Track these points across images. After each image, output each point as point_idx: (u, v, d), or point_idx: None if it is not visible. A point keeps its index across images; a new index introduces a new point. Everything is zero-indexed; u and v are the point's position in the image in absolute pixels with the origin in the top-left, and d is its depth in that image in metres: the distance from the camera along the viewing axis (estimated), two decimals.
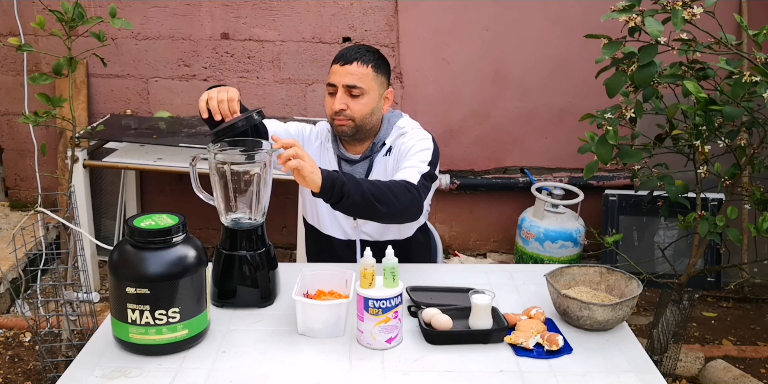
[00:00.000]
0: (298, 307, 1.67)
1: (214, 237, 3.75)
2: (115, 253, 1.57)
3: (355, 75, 2.03)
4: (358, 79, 2.04)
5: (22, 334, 3.07)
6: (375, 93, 2.08)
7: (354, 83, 2.03)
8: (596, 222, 3.54)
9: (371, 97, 2.07)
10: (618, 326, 1.73)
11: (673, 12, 1.81)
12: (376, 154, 2.15)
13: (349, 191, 1.77)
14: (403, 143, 2.13)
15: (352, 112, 2.06)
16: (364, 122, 2.08)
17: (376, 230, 2.19)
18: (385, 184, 1.89)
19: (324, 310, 1.66)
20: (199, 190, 1.84)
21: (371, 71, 2.06)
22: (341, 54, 2.08)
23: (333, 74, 2.07)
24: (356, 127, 2.08)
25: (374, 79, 2.07)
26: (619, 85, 1.94)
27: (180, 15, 3.58)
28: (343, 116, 2.06)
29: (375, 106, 2.09)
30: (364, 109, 2.06)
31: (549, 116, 3.61)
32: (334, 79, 2.06)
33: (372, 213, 1.87)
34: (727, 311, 3.36)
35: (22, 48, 2.34)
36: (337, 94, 2.05)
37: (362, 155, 2.16)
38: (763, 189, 2.17)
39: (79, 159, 3.16)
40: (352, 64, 2.04)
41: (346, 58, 2.05)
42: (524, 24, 3.49)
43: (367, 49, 2.11)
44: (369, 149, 2.16)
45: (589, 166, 2.05)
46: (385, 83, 2.12)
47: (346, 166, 2.17)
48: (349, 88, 2.04)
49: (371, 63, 2.06)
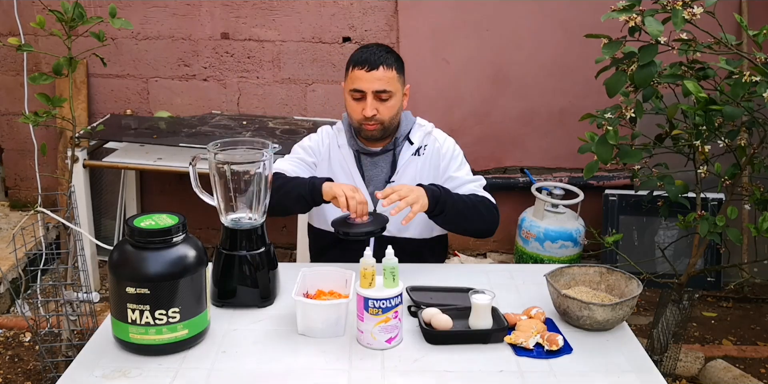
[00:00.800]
0: (298, 307, 1.67)
1: (214, 237, 3.75)
2: (115, 253, 1.57)
3: (383, 80, 2.05)
4: (387, 84, 2.06)
5: (22, 334, 3.07)
6: (399, 93, 2.12)
7: (384, 88, 2.05)
8: (596, 222, 3.54)
9: (397, 98, 2.11)
10: (618, 326, 1.73)
11: (673, 12, 1.81)
12: (399, 147, 2.18)
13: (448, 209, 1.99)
14: (439, 149, 2.19)
15: (382, 115, 2.08)
16: (392, 123, 2.13)
17: (396, 226, 2.17)
18: (473, 201, 2.06)
19: (324, 310, 1.66)
20: (199, 190, 1.84)
21: (395, 73, 2.08)
22: (364, 58, 2.06)
23: (358, 80, 2.06)
24: (384, 128, 2.12)
25: (398, 80, 2.10)
26: (619, 85, 1.94)
27: (180, 15, 3.58)
28: (374, 121, 2.08)
29: (400, 106, 2.14)
30: (392, 111, 2.10)
31: (549, 116, 3.61)
32: (362, 85, 2.05)
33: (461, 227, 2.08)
34: (727, 311, 3.36)
35: (22, 48, 2.34)
36: (367, 100, 2.06)
37: (383, 148, 2.18)
38: (763, 189, 2.17)
39: (79, 159, 3.16)
40: (378, 70, 2.05)
41: (371, 64, 2.05)
42: (524, 24, 3.49)
43: (386, 50, 2.11)
44: (391, 143, 2.18)
45: (589, 166, 2.05)
46: (403, 80, 2.15)
47: (366, 158, 2.19)
48: (378, 94, 2.06)
49: (394, 65, 2.08)
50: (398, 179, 2.18)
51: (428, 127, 2.25)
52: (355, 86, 2.07)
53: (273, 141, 2.38)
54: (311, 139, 2.26)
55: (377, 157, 2.20)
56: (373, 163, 2.20)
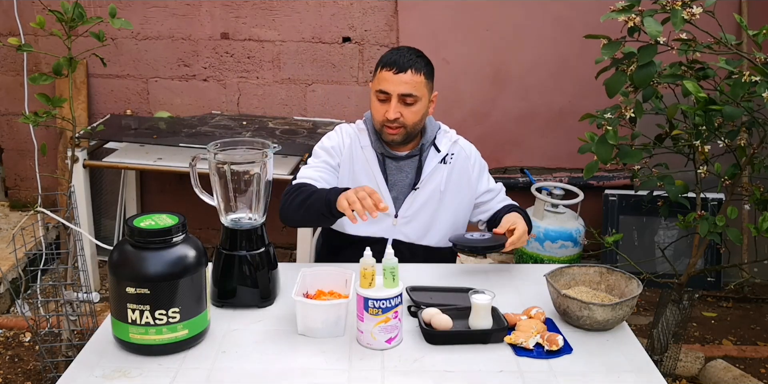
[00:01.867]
0: (297, 307, 1.67)
1: (214, 237, 3.76)
2: (115, 253, 1.57)
3: (409, 84, 2.03)
4: (413, 88, 2.03)
5: (22, 334, 3.07)
6: (426, 99, 2.09)
7: (410, 92, 2.03)
8: (596, 222, 3.54)
9: (423, 104, 2.07)
10: (618, 326, 1.73)
11: (672, 12, 1.81)
12: (425, 153, 2.17)
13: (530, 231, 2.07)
14: (466, 158, 2.22)
15: (405, 119, 2.06)
16: (415, 128, 2.10)
17: (416, 232, 2.17)
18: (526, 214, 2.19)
19: (324, 310, 1.66)
20: (199, 190, 1.84)
21: (423, 79, 2.06)
22: (393, 60, 2.05)
23: (385, 82, 2.04)
24: (407, 133, 2.09)
25: (426, 85, 2.07)
26: (619, 85, 1.94)
27: (180, 15, 3.58)
28: (397, 124, 2.06)
29: (425, 112, 2.10)
30: (416, 116, 2.07)
31: (549, 116, 3.61)
32: (388, 87, 2.04)
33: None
34: (727, 311, 3.36)
35: (22, 48, 2.35)
36: (392, 102, 2.04)
37: (409, 153, 2.17)
38: (763, 189, 2.17)
39: (79, 159, 3.16)
40: (406, 73, 2.03)
41: (400, 66, 2.03)
42: (524, 24, 3.49)
43: (417, 54, 2.09)
44: (417, 149, 2.16)
45: (589, 166, 2.05)
46: (432, 86, 2.12)
47: (390, 162, 2.16)
48: (403, 97, 2.04)
49: (423, 69, 2.06)
50: (423, 186, 2.16)
51: (453, 134, 2.23)
52: (382, 87, 2.04)
53: (273, 141, 2.38)
54: (330, 138, 2.21)
55: (402, 161, 2.17)
56: (398, 168, 2.17)
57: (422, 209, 2.16)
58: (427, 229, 2.17)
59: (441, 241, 2.19)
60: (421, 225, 2.17)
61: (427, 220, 2.17)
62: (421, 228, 2.17)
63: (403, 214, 2.16)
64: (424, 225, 2.17)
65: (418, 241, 2.18)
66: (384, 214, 2.11)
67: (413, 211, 2.16)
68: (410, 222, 2.16)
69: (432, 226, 2.17)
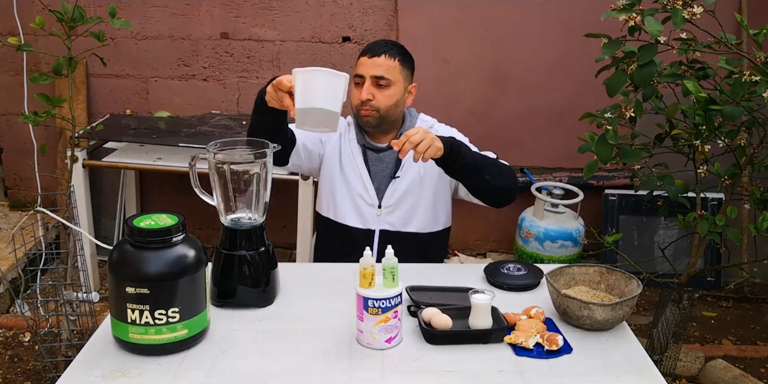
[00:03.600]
0: (297, 79, 1.69)
1: (214, 237, 3.74)
2: (115, 253, 1.57)
3: (382, 67, 2.13)
4: (386, 71, 2.13)
5: (22, 334, 3.07)
6: (400, 85, 2.17)
7: (381, 74, 2.12)
8: (596, 222, 3.54)
9: (397, 89, 2.15)
10: (618, 326, 1.73)
11: (673, 11, 1.81)
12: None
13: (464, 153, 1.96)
14: (438, 131, 2.22)
15: (378, 102, 2.14)
16: (388, 113, 2.17)
17: (400, 220, 2.23)
18: (490, 158, 2.08)
19: (324, 77, 1.68)
20: (199, 190, 1.84)
21: (398, 64, 2.15)
22: (369, 47, 2.17)
23: (361, 66, 2.15)
24: (380, 117, 2.16)
25: (400, 71, 2.16)
26: (619, 84, 1.94)
27: (179, 15, 3.58)
28: (369, 106, 2.14)
29: (399, 99, 2.18)
30: (389, 100, 2.15)
31: (549, 116, 3.61)
32: (362, 70, 2.14)
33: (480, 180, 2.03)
34: (727, 311, 3.36)
35: (22, 48, 2.35)
36: (365, 84, 2.13)
37: (388, 144, 2.22)
38: (763, 189, 2.17)
39: (79, 159, 3.16)
40: (380, 57, 2.13)
41: (374, 51, 2.14)
42: (524, 24, 3.49)
43: (394, 43, 2.20)
44: (396, 139, 2.18)
45: (589, 165, 2.05)
46: (410, 77, 2.22)
47: (372, 154, 2.25)
48: (376, 79, 2.13)
49: (398, 56, 2.16)
50: (403, 174, 2.22)
51: (430, 122, 2.30)
52: (357, 72, 2.16)
53: None
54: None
55: (383, 152, 2.25)
56: (379, 159, 2.25)
57: (404, 197, 2.22)
58: (410, 215, 2.23)
59: (427, 226, 2.25)
60: (404, 213, 2.23)
61: (409, 208, 2.23)
62: (404, 216, 2.23)
63: (386, 204, 2.23)
64: (407, 212, 2.23)
65: (403, 228, 2.23)
66: (368, 205, 2.22)
67: (395, 200, 2.22)
68: (394, 211, 2.23)
69: (415, 212, 2.23)
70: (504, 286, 1.92)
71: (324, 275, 2.01)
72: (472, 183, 2.09)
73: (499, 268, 1.98)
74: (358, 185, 2.24)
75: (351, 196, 2.24)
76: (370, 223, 2.24)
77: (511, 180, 2.12)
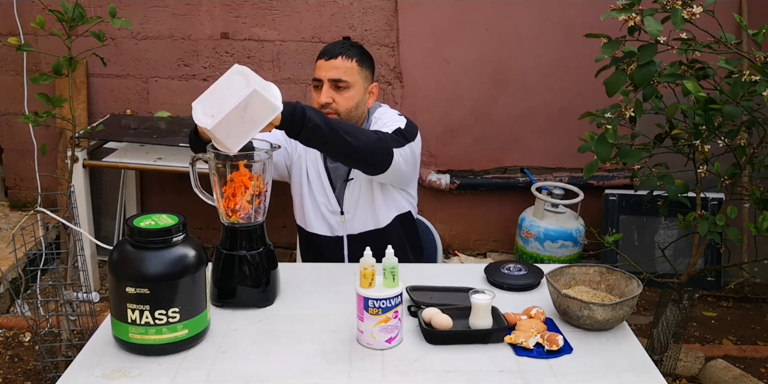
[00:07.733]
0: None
1: (214, 237, 3.75)
2: (115, 253, 1.57)
3: (340, 69, 2.09)
4: (343, 73, 2.09)
5: (22, 334, 3.07)
6: (360, 86, 2.13)
7: (339, 77, 2.09)
8: (596, 222, 3.54)
9: (356, 91, 2.12)
10: (618, 326, 1.73)
11: (672, 11, 1.81)
12: None
13: (310, 116, 1.75)
14: (375, 123, 2.18)
15: (338, 105, 2.10)
16: (349, 116, 2.13)
17: (363, 222, 2.22)
18: (350, 123, 1.99)
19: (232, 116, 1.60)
20: (199, 190, 1.84)
21: (356, 65, 2.11)
22: (325, 49, 2.14)
23: (318, 69, 2.13)
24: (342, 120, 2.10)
25: (359, 72, 2.12)
26: (619, 84, 1.94)
27: (180, 15, 3.58)
28: (329, 109, 2.10)
29: (360, 100, 2.14)
30: (349, 102, 2.11)
31: (549, 116, 3.61)
32: (320, 73, 2.12)
33: (339, 144, 1.83)
34: (727, 311, 3.36)
35: (22, 48, 2.35)
36: (323, 88, 2.10)
37: None
38: (763, 188, 2.17)
39: (79, 159, 3.16)
40: (336, 59, 2.10)
41: (330, 53, 2.11)
42: (524, 24, 3.49)
43: (351, 43, 2.16)
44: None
45: (589, 165, 2.05)
46: (370, 77, 2.17)
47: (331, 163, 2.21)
48: (334, 82, 2.10)
49: (355, 57, 2.12)
50: (356, 176, 2.18)
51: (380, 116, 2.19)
52: (315, 75, 2.13)
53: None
54: None
55: None
56: (336, 164, 2.22)
57: (361, 198, 2.21)
58: (370, 213, 2.22)
59: (382, 220, 2.23)
60: (365, 214, 2.22)
61: (368, 207, 2.22)
62: (365, 216, 2.22)
63: (347, 209, 2.22)
64: (367, 212, 2.22)
65: (364, 228, 2.23)
66: (331, 212, 2.22)
67: (353, 203, 2.21)
68: (355, 215, 2.22)
69: (374, 207, 2.22)
70: (504, 286, 1.92)
71: (324, 275, 2.01)
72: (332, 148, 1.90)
73: (499, 268, 1.98)
74: (320, 195, 2.22)
75: (316, 205, 2.23)
76: (337, 229, 2.24)
77: (376, 141, 1.94)
